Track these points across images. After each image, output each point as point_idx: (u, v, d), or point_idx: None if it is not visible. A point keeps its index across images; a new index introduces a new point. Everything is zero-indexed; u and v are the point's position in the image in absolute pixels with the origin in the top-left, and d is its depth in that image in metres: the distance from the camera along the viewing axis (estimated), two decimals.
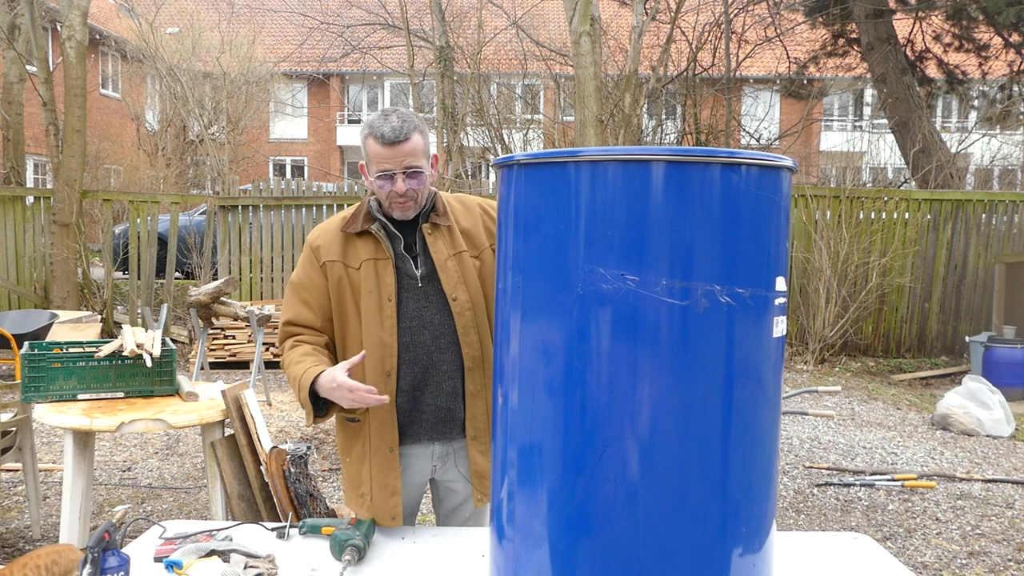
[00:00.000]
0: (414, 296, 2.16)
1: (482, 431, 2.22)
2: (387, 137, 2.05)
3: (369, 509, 2.20)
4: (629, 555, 1.50)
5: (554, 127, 13.62)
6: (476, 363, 2.18)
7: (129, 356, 3.49)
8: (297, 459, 2.56)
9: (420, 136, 2.10)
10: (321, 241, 2.20)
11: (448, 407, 2.21)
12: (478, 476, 2.24)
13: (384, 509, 2.19)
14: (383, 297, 2.14)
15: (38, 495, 4.04)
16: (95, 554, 1.65)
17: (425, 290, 2.17)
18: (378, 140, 2.06)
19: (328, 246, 2.18)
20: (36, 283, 9.87)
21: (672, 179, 1.47)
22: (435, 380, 2.18)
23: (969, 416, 6.38)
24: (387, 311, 2.13)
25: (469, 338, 2.17)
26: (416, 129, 2.09)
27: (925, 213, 9.63)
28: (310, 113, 25.41)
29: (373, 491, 2.19)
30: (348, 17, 17.70)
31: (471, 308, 2.17)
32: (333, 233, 2.19)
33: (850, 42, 13.19)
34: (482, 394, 2.20)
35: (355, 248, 2.17)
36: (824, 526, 4.45)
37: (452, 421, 2.22)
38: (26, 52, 11.01)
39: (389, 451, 2.18)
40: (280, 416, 6.55)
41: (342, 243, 2.18)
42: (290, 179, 13.71)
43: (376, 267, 2.15)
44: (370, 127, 2.09)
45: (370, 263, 2.15)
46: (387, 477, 2.18)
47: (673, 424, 1.49)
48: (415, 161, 2.08)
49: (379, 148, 2.07)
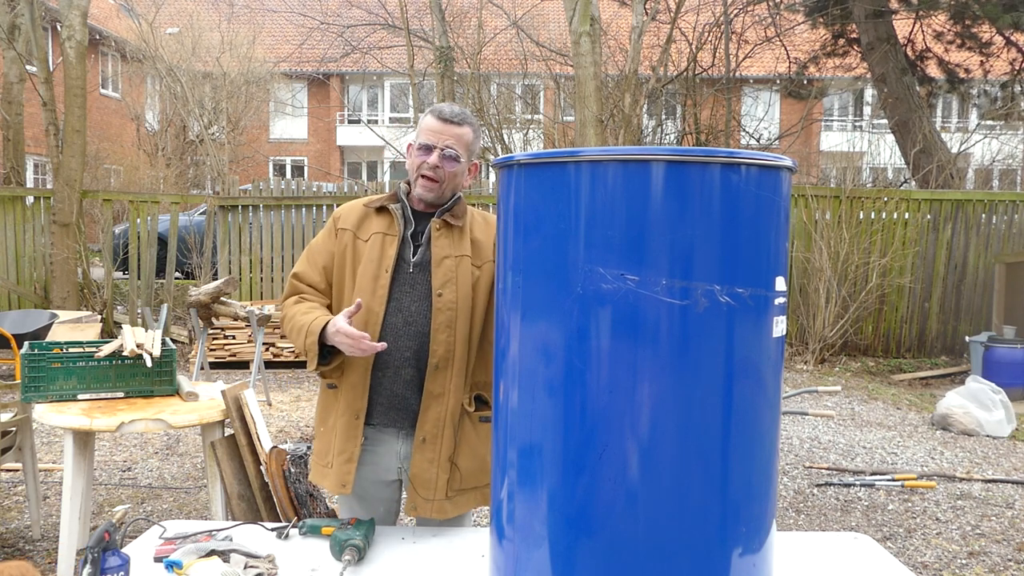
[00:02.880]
0: (401, 280, 2.19)
1: (433, 437, 2.18)
2: (444, 114, 2.19)
3: (328, 477, 2.22)
4: (629, 555, 1.50)
5: (554, 127, 13.61)
6: (444, 364, 2.16)
7: (129, 356, 3.48)
8: (297, 459, 2.56)
9: (472, 132, 2.22)
10: (343, 212, 2.31)
11: (403, 396, 2.19)
12: (418, 481, 2.18)
13: (337, 476, 2.19)
14: (381, 268, 2.19)
15: (38, 495, 4.04)
16: (95, 554, 1.65)
17: (413, 278, 2.19)
18: (436, 115, 2.20)
19: (347, 215, 2.29)
20: (36, 283, 9.87)
21: (672, 179, 1.47)
22: (395, 365, 2.18)
23: (969, 416, 6.38)
24: (382, 281, 2.18)
25: (441, 337, 2.16)
26: (472, 125, 2.22)
27: (925, 213, 9.62)
28: (310, 113, 25.41)
29: (334, 458, 2.21)
30: (348, 17, 17.69)
31: (454, 309, 2.17)
32: (356, 207, 2.30)
33: (850, 42, 13.19)
34: (442, 398, 2.17)
35: (370, 221, 2.26)
36: (824, 526, 4.45)
37: (404, 411, 2.20)
38: (26, 52, 11.01)
39: (355, 418, 2.19)
40: (280, 416, 6.55)
41: (360, 216, 2.28)
42: (290, 179, 13.69)
43: (383, 241, 2.22)
44: (433, 107, 2.23)
45: (378, 236, 2.22)
46: (347, 443, 2.19)
47: (673, 424, 1.49)
48: (456, 145, 2.18)
49: (432, 121, 2.19)
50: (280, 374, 8.34)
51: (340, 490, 2.19)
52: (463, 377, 2.20)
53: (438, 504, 2.20)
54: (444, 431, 2.18)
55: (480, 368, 2.22)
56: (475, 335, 2.21)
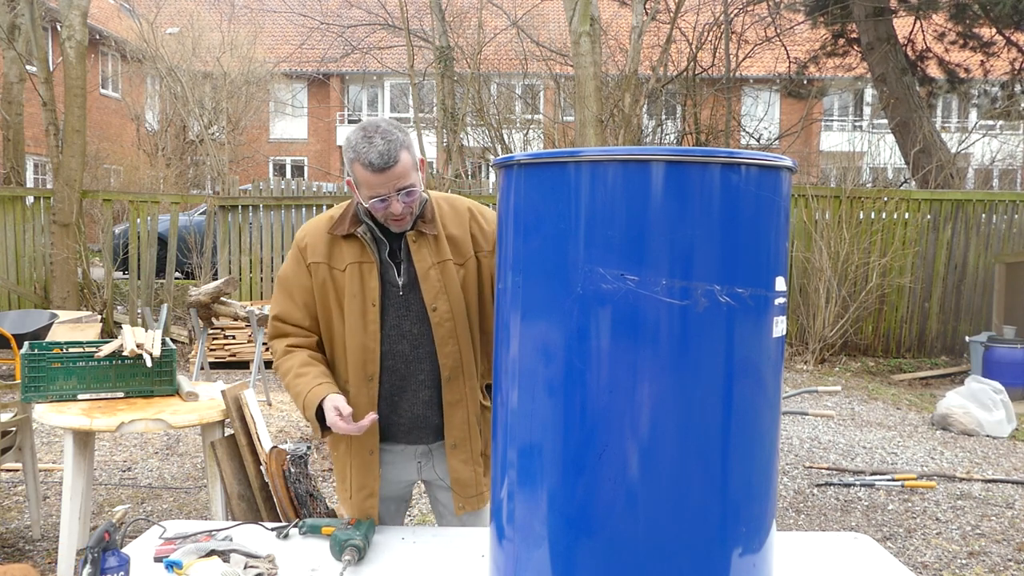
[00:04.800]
0: (395, 304, 2.14)
1: (462, 440, 2.20)
2: (376, 164, 1.99)
3: (349, 507, 2.25)
4: (629, 555, 1.50)
5: (554, 127, 13.61)
6: (455, 373, 2.16)
7: (129, 356, 3.48)
8: (297, 459, 2.56)
9: (407, 152, 2.03)
10: (309, 240, 2.18)
11: (424, 415, 2.20)
12: (460, 484, 2.23)
13: (360, 510, 2.22)
14: (367, 302, 2.12)
15: (38, 495, 4.04)
16: (95, 554, 1.64)
17: (406, 299, 2.14)
18: (367, 168, 2.00)
19: (315, 246, 2.16)
20: (36, 283, 9.87)
21: (672, 179, 1.47)
22: (412, 388, 2.18)
23: (969, 416, 6.38)
24: (371, 316, 2.12)
25: (447, 349, 2.15)
26: (402, 146, 2.01)
27: (925, 213, 9.62)
28: (310, 113, 25.41)
29: (352, 491, 2.23)
30: (348, 17, 17.70)
31: (451, 319, 2.14)
32: (320, 234, 2.17)
33: (850, 42, 13.18)
34: (462, 403, 2.19)
35: (341, 250, 2.14)
36: (824, 526, 4.45)
37: (427, 428, 2.22)
38: (26, 52, 11.01)
39: (369, 454, 2.20)
40: (280, 416, 6.54)
41: (328, 244, 2.15)
42: (290, 179, 13.71)
43: (361, 271, 2.13)
44: (355, 152, 2.02)
45: (355, 267, 2.13)
46: (365, 479, 2.21)
47: (673, 424, 1.49)
48: (406, 181, 2.03)
49: (369, 175, 2.00)
50: None
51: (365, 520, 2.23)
52: (475, 378, 2.21)
53: (482, 496, 2.26)
54: (471, 431, 2.22)
55: (485, 360, 2.23)
56: (475, 335, 2.20)
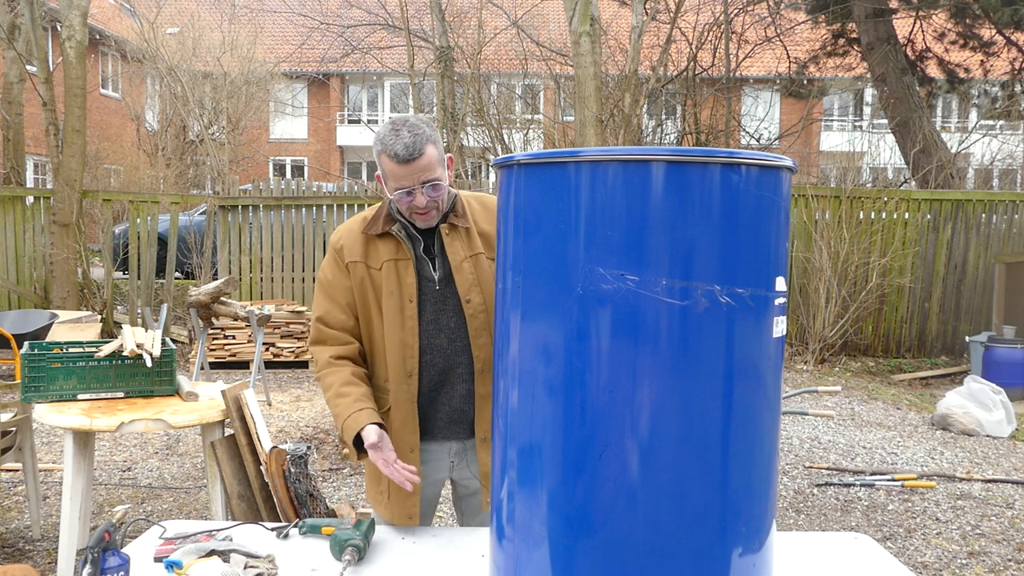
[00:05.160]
0: (432, 299, 2.17)
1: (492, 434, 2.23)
2: (401, 156, 2.03)
3: (387, 507, 2.23)
4: (629, 555, 1.50)
5: (554, 127, 13.61)
6: (486, 366, 2.19)
7: (129, 356, 3.48)
8: (297, 459, 2.56)
9: (433, 147, 2.07)
10: (344, 242, 2.21)
11: (461, 409, 2.22)
12: (488, 478, 2.23)
13: (402, 509, 2.20)
14: (404, 298, 2.15)
15: (38, 495, 4.04)
16: (95, 554, 1.64)
17: (442, 293, 2.17)
18: (392, 159, 2.04)
19: (351, 247, 2.19)
20: (36, 283, 9.87)
21: (672, 179, 1.47)
22: (450, 382, 2.20)
23: (969, 416, 6.38)
24: (408, 312, 2.15)
25: (481, 341, 2.17)
26: (428, 140, 2.06)
27: (925, 213, 9.63)
28: (310, 113, 25.41)
29: (391, 490, 2.21)
30: (348, 17, 17.70)
31: (484, 311, 2.17)
32: (355, 234, 2.21)
33: (850, 42, 13.18)
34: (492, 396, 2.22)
35: (376, 249, 2.18)
36: (824, 526, 4.45)
37: (463, 422, 2.23)
38: (26, 52, 11.01)
39: (409, 452, 2.20)
40: (280, 416, 6.55)
41: (364, 244, 2.19)
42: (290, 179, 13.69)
43: (397, 268, 2.16)
44: (383, 144, 2.07)
45: (391, 264, 2.16)
46: None
47: (673, 424, 1.49)
48: (431, 174, 2.07)
49: (394, 166, 2.05)
50: (280, 374, 8.34)
51: (407, 522, 2.21)
52: None
53: None
54: None
55: None
56: None
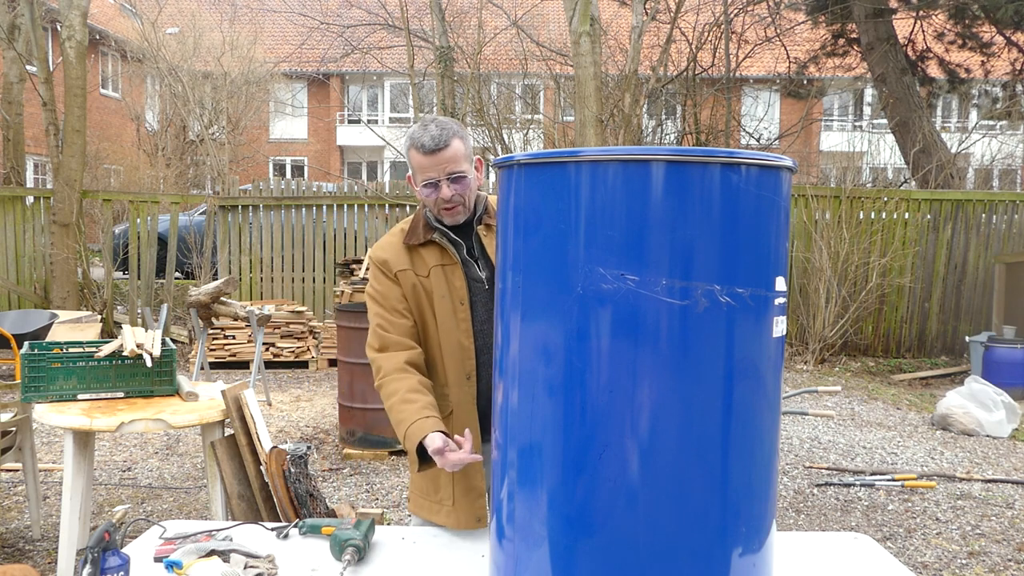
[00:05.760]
0: (482, 299, 2.18)
1: None
2: (427, 146, 2.08)
3: (450, 514, 2.19)
4: (629, 555, 1.50)
5: (554, 127, 13.60)
6: None
7: (129, 356, 3.49)
8: (297, 459, 2.56)
9: (460, 142, 2.12)
10: (387, 255, 2.21)
11: None
12: None
13: (470, 512, 2.17)
14: (455, 301, 2.16)
15: (38, 495, 4.04)
16: (95, 554, 1.64)
17: (490, 292, 2.17)
18: (419, 150, 2.10)
19: (396, 258, 2.19)
20: (36, 283, 9.87)
21: (672, 179, 1.47)
22: None
23: (969, 416, 6.38)
24: (461, 314, 2.16)
25: None
26: (456, 135, 2.11)
27: (925, 213, 9.63)
28: (310, 113, 25.41)
29: (456, 496, 2.18)
30: (348, 17, 17.68)
31: None
32: (397, 246, 2.21)
33: (850, 42, 13.18)
34: None
35: (421, 258, 2.19)
36: (824, 526, 4.45)
37: None
38: (26, 52, 11.01)
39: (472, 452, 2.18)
40: (280, 416, 6.55)
41: (407, 254, 2.19)
42: (290, 179, 13.70)
43: (445, 272, 2.17)
44: (411, 139, 2.12)
45: (439, 269, 2.17)
46: (473, 480, 2.18)
47: (673, 424, 1.49)
48: (457, 167, 2.10)
49: (421, 158, 2.10)
50: (280, 374, 8.34)
51: (476, 525, 2.17)
52: None
53: None
54: None
55: None
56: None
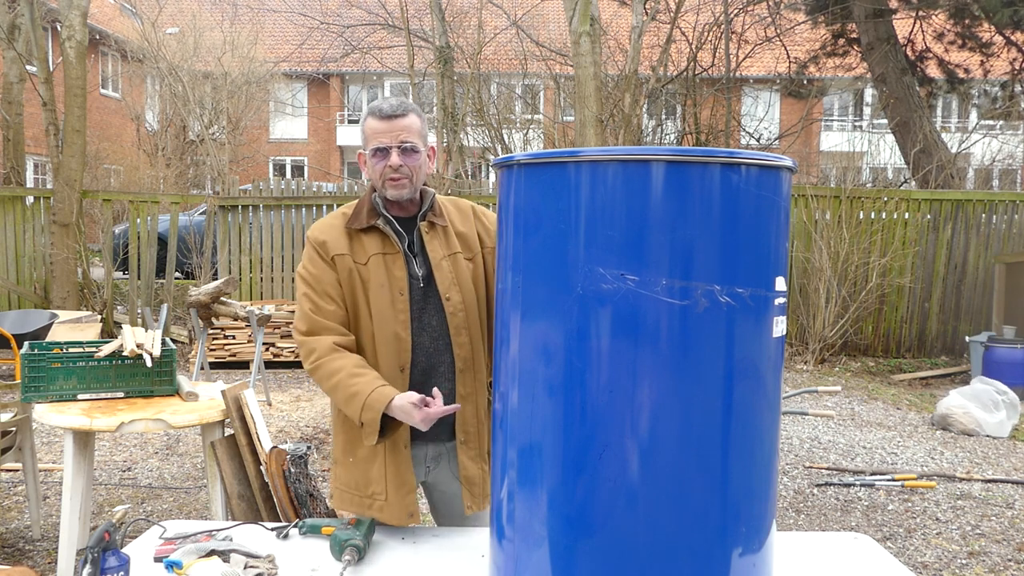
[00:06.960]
0: (416, 296, 2.15)
1: (472, 436, 2.20)
2: (384, 111, 2.11)
3: (381, 509, 2.15)
4: (629, 555, 1.50)
5: (554, 127, 13.61)
6: (467, 365, 2.17)
7: (129, 356, 3.48)
8: (297, 459, 2.56)
9: (418, 119, 2.14)
10: (326, 237, 2.17)
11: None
12: (468, 482, 2.20)
13: (402, 507, 2.15)
14: (395, 291, 2.13)
15: (38, 495, 4.04)
16: (95, 554, 1.64)
17: (425, 290, 2.16)
18: (376, 115, 2.12)
19: (334, 241, 2.15)
20: (36, 283, 9.87)
21: (672, 179, 1.47)
22: (433, 381, 2.16)
23: (969, 416, 6.38)
24: (399, 305, 2.13)
25: (461, 339, 2.16)
26: (414, 112, 2.14)
27: (925, 213, 9.63)
28: (310, 113, 25.41)
29: (388, 491, 2.15)
30: (348, 17, 17.69)
31: (463, 309, 2.16)
32: (338, 229, 2.17)
33: (850, 42, 13.18)
34: (472, 397, 2.19)
35: (361, 244, 2.15)
36: (824, 526, 4.45)
37: (443, 423, 2.17)
38: (26, 52, 11.01)
39: (404, 448, 2.15)
40: (280, 416, 6.55)
41: (347, 238, 2.16)
42: (290, 179, 13.69)
43: (385, 261, 2.14)
44: (369, 108, 2.16)
45: (379, 258, 2.14)
46: (404, 475, 2.16)
47: (673, 424, 1.49)
48: (410, 137, 2.11)
49: (376, 123, 2.12)
50: (280, 374, 8.34)
51: (408, 521, 2.16)
52: (484, 373, 2.21)
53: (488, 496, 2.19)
54: (480, 427, 2.21)
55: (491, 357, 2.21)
56: (484, 329, 2.21)
